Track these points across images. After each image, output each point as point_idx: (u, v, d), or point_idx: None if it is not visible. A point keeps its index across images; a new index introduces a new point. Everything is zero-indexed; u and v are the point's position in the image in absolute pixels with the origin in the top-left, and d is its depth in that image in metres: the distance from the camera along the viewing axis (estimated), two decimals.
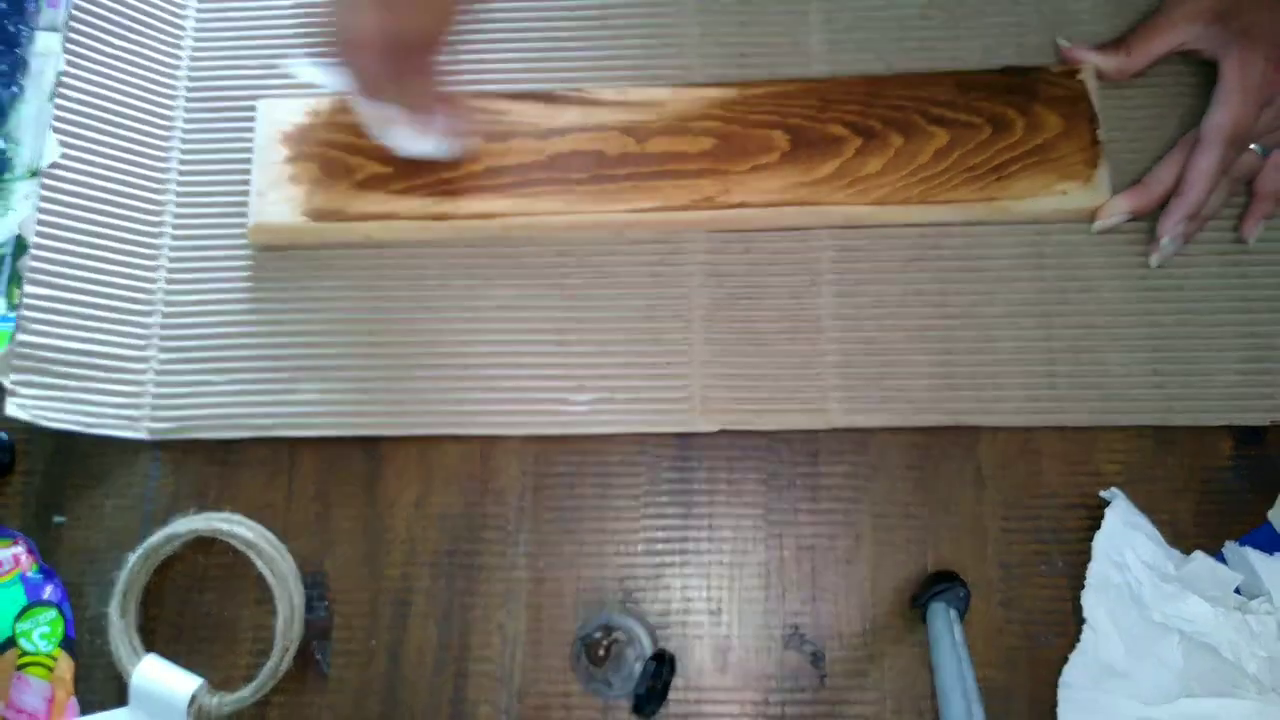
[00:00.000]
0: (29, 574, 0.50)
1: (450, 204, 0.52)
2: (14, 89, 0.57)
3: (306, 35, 0.47)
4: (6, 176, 0.56)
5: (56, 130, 0.53)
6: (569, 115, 0.53)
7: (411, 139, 0.50)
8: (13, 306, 0.54)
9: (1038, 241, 0.52)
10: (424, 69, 0.47)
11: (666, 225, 0.52)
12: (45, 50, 0.58)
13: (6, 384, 0.50)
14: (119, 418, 0.51)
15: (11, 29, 0.58)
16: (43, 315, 0.51)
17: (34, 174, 0.56)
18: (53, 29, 0.58)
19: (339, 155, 0.53)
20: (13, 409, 0.49)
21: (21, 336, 0.51)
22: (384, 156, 0.52)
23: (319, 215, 0.52)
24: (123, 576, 0.49)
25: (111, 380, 0.52)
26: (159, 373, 0.52)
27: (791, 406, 0.51)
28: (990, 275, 0.52)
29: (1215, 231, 0.52)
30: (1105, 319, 0.51)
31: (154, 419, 0.52)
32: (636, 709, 0.44)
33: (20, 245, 0.55)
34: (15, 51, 0.58)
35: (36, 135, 0.56)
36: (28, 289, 0.51)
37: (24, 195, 0.56)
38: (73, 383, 0.51)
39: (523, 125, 0.53)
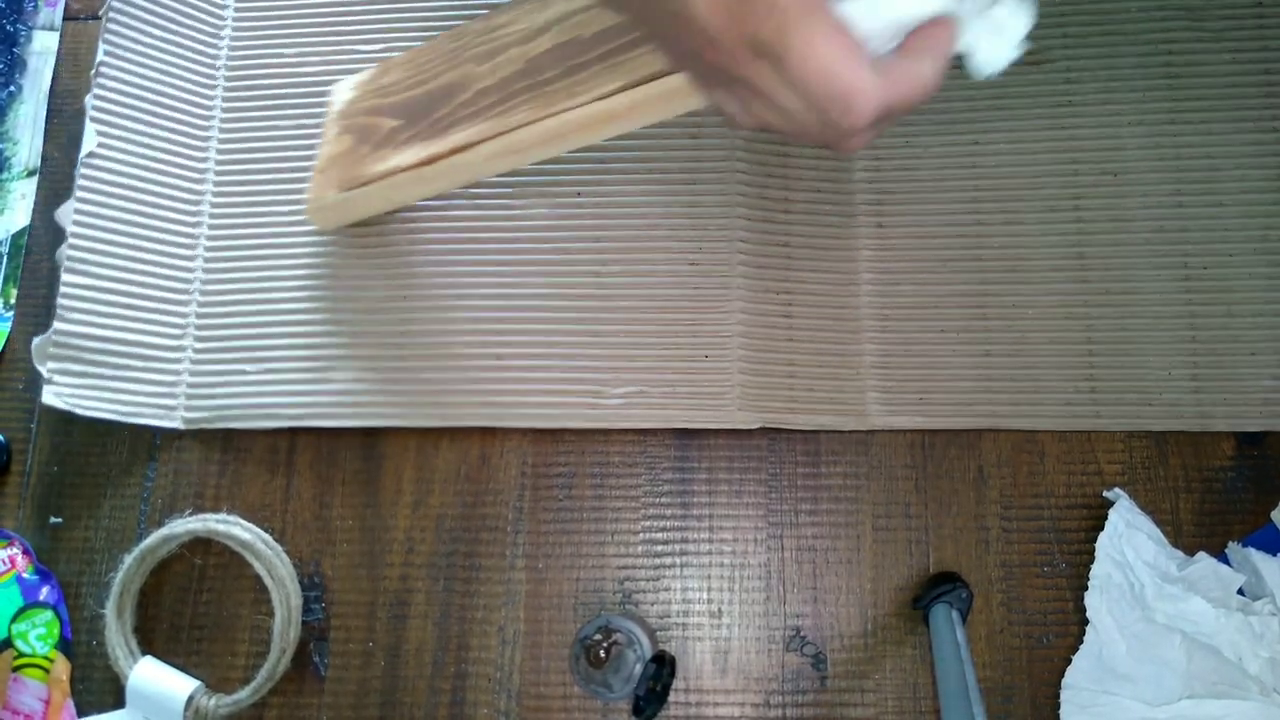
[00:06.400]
0: (25, 575, 0.50)
1: (438, 143, 0.48)
2: (11, 88, 0.57)
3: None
4: (4, 176, 0.56)
5: (94, 120, 0.53)
6: (556, 6, 0.48)
7: None
8: (9, 306, 0.54)
9: (1079, 242, 0.51)
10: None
11: (639, 109, 0.44)
12: (43, 49, 0.58)
13: (44, 372, 0.50)
14: (155, 407, 0.51)
15: (9, 28, 0.58)
16: (80, 304, 0.51)
17: (31, 173, 0.56)
18: (50, 28, 0.58)
19: (368, 120, 0.51)
20: (49, 397, 0.49)
21: (59, 325, 0.50)
22: (396, 111, 0.50)
23: (346, 184, 0.50)
24: (119, 578, 0.49)
25: (148, 370, 0.51)
26: (194, 362, 0.52)
27: (830, 406, 0.50)
28: (1032, 276, 0.51)
29: (1253, 231, 0.51)
30: (1145, 322, 0.50)
31: (189, 408, 0.51)
32: (636, 711, 0.44)
33: (16, 245, 0.54)
34: (13, 51, 0.57)
35: (34, 135, 0.56)
36: (65, 278, 0.51)
37: (21, 195, 0.55)
38: (109, 371, 0.51)
39: (513, 34, 0.48)
